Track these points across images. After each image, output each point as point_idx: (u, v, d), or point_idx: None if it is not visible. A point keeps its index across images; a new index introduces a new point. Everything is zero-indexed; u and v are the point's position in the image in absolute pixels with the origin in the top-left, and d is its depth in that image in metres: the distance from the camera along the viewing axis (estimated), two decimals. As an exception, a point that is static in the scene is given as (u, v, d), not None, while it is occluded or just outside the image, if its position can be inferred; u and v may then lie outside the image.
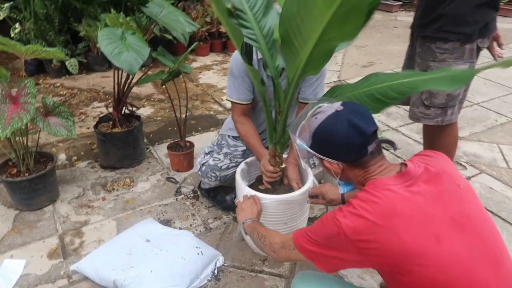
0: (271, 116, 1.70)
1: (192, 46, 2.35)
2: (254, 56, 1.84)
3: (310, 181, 1.76)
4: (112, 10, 4.01)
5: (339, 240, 1.00)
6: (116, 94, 2.42)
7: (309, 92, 1.94)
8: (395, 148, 1.14)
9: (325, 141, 1.10)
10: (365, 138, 1.05)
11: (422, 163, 1.07)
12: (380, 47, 5.14)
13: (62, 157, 2.64)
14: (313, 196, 1.64)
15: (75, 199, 2.25)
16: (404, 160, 1.15)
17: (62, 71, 3.95)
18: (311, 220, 2.02)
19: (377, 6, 1.17)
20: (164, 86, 2.40)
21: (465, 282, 0.92)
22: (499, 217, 2.15)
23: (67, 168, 2.52)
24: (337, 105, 1.11)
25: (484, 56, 2.09)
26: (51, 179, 2.17)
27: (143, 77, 2.41)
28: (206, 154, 2.12)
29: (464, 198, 1.03)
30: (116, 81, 2.38)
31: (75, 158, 2.63)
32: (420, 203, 0.97)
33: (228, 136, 2.15)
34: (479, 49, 1.80)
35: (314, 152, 1.15)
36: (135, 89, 2.63)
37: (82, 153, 2.70)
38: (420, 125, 2.41)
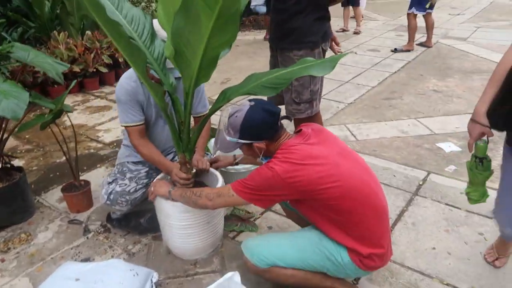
0: (175, 127, 1.88)
1: (72, 84, 2.36)
2: (136, 83, 2.02)
3: (221, 180, 2.00)
4: None
5: (274, 181, 1.44)
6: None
7: (200, 106, 2.20)
8: (291, 120, 1.68)
9: (251, 128, 1.53)
10: (276, 117, 1.55)
11: (309, 126, 1.64)
12: (231, 64, 5.68)
13: None
14: (214, 162, 2.07)
15: (-33, 270, 2.02)
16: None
17: None
18: (226, 218, 2.24)
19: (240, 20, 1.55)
20: (27, 136, 2.33)
21: (359, 185, 1.50)
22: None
23: None
24: (247, 103, 1.52)
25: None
26: None
27: (22, 123, 2.29)
28: (110, 183, 2.16)
29: (339, 142, 1.60)
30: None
31: None
32: (319, 148, 1.50)
33: (128, 162, 2.23)
34: (324, 51, 2.34)
35: (244, 141, 1.56)
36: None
37: (-46, 223, 2.38)
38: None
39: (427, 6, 5.77)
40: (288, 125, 1.85)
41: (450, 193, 2.55)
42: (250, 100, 1.58)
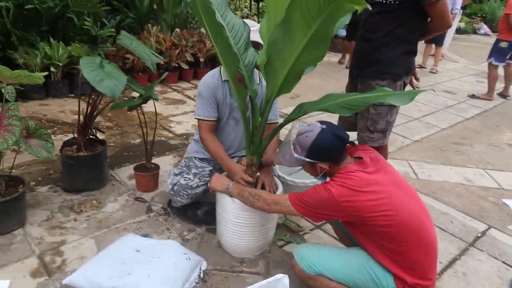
0: (250, 130, 2.01)
1: (163, 76, 2.58)
2: (218, 81, 2.18)
3: (281, 188, 2.09)
4: (50, 38, 4.03)
5: (329, 202, 1.53)
6: (82, 119, 2.51)
7: (271, 114, 2.31)
8: (355, 146, 1.75)
9: (319, 150, 1.62)
10: (344, 143, 1.64)
11: (367, 153, 1.68)
12: (302, 81, 5.75)
13: (18, 183, 2.60)
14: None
15: (45, 221, 2.27)
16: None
17: (-4, 98, 3.78)
18: (277, 227, 2.32)
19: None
20: (109, 115, 2.56)
21: (410, 217, 1.54)
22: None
23: (27, 194, 2.50)
24: (319, 125, 1.64)
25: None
26: (22, 203, 2.19)
27: (115, 102, 2.54)
28: (176, 175, 2.33)
29: (395, 172, 1.66)
30: (80, 107, 2.48)
31: (33, 183, 2.62)
32: (375, 177, 1.56)
33: (195, 158, 2.39)
34: (405, 84, 2.38)
35: (310, 160, 1.64)
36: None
37: (40, 178, 2.69)
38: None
39: (508, 57, 5.53)
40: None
41: (509, 251, 2.44)
42: (321, 123, 1.66)
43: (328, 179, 1.70)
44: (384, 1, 2.17)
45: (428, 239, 1.59)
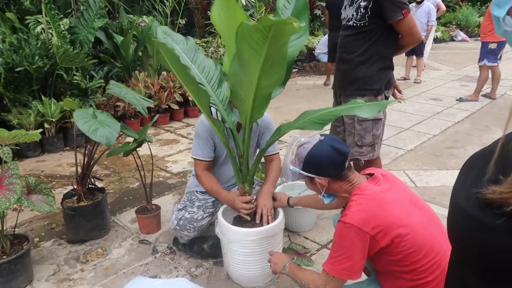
0: (236, 160, 2.07)
1: (155, 118, 2.66)
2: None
3: (282, 215, 2.13)
4: (42, 96, 4.14)
5: (357, 236, 1.33)
6: (80, 170, 2.56)
7: (270, 148, 2.36)
8: (361, 163, 1.61)
9: (315, 163, 1.51)
10: (344, 157, 1.50)
11: (377, 171, 1.56)
12: (291, 107, 5.92)
13: (22, 241, 2.61)
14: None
15: (52, 276, 2.27)
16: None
17: (-7, 160, 3.83)
18: (284, 251, 2.33)
19: (293, 63, 1.73)
20: (105, 163, 2.61)
21: (429, 239, 1.39)
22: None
23: (32, 250, 2.50)
24: (318, 137, 1.55)
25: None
26: (28, 259, 2.20)
27: (110, 150, 2.60)
28: (180, 210, 2.37)
29: (409, 190, 1.54)
30: (76, 159, 2.53)
31: (37, 239, 2.62)
32: (391, 194, 1.43)
33: (196, 191, 2.44)
34: (386, 98, 2.47)
35: (306, 173, 1.54)
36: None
37: (43, 233, 2.70)
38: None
39: (498, 57, 5.73)
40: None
41: None
42: (321, 135, 1.57)
43: (332, 198, 1.64)
44: (355, 24, 2.30)
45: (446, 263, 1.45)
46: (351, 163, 1.62)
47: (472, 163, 0.68)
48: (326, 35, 7.32)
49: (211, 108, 2.27)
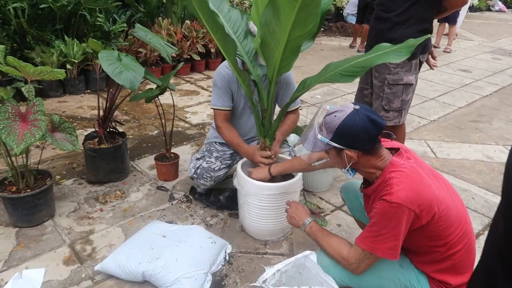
0: (259, 113, 2.04)
1: (178, 66, 2.61)
2: (230, 71, 2.21)
3: (299, 173, 2.11)
4: (65, 36, 4.10)
5: (404, 215, 1.27)
6: (102, 112, 2.57)
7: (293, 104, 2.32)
8: (392, 139, 1.55)
9: (348, 134, 1.36)
10: (380, 130, 1.37)
11: (397, 145, 1.51)
12: (313, 67, 5.77)
13: (44, 177, 2.68)
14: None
15: (73, 212, 2.34)
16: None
17: (16, 97, 3.87)
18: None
19: (326, 13, 1.63)
20: (125, 109, 2.60)
21: (457, 211, 1.38)
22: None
23: (53, 187, 2.57)
24: (351, 105, 1.39)
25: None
26: (50, 195, 2.26)
27: (133, 94, 2.59)
28: (198, 159, 2.38)
29: (425, 163, 1.49)
30: (99, 101, 2.53)
31: (58, 177, 2.69)
32: (419, 168, 1.39)
33: (215, 142, 2.44)
34: (421, 63, 2.36)
35: (335, 144, 1.39)
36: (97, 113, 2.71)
37: (64, 172, 2.77)
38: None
39: None
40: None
41: (533, 225, 2.42)
42: (355, 104, 1.41)
43: (354, 172, 1.52)
44: None
45: (470, 231, 1.43)
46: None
47: None
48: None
49: (236, 59, 2.22)
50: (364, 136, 1.36)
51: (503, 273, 0.65)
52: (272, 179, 2.06)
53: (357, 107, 1.39)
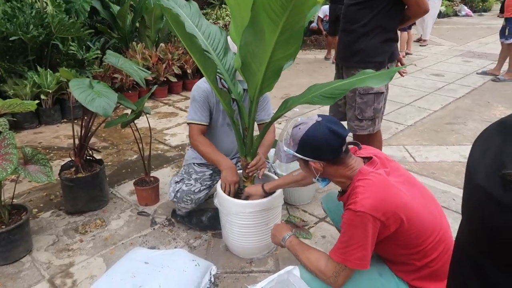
0: (240, 132, 2.04)
1: (152, 89, 2.61)
2: (209, 86, 2.20)
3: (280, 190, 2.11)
4: (38, 67, 4.06)
5: (369, 223, 1.27)
6: (78, 141, 2.53)
7: (264, 114, 2.36)
8: (360, 148, 1.56)
9: (310, 145, 1.40)
10: (342, 141, 1.39)
11: (372, 153, 1.51)
12: (290, 81, 5.84)
13: (20, 211, 2.61)
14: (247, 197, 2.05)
15: (51, 246, 2.28)
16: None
17: (-11, 131, 3.79)
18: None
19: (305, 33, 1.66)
20: (103, 135, 2.57)
21: (431, 217, 1.38)
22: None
23: (31, 221, 2.50)
24: (315, 118, 1.43)
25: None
26: (27, 229, 2.19)
27: (108, 121, 2.56)
28: (177, 182, 2.35)
29: (402, 169, 1.51)
30: (74, 130, 2.49)
31: (35, 210, 2.62)
32: (393, 177, 1.39)
33: (194, 164, 2.42)
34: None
35: (301, 156, 1.43)
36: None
37: (42, 204, 2.70)
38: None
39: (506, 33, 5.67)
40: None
41: (513, 222, 2.46)
42: (319, 115, 1.45)
43: (327, 182, 1.54)
44: None
45: (448, 238, 1.41)
46: (349, 146, 1.52)
47: (489, 138, 0.64)
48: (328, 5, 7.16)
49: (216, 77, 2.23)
50: (326, 148, 1.39)
51: (472, 273, 0.65)
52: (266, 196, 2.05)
53: (319, 119, 1.42)
